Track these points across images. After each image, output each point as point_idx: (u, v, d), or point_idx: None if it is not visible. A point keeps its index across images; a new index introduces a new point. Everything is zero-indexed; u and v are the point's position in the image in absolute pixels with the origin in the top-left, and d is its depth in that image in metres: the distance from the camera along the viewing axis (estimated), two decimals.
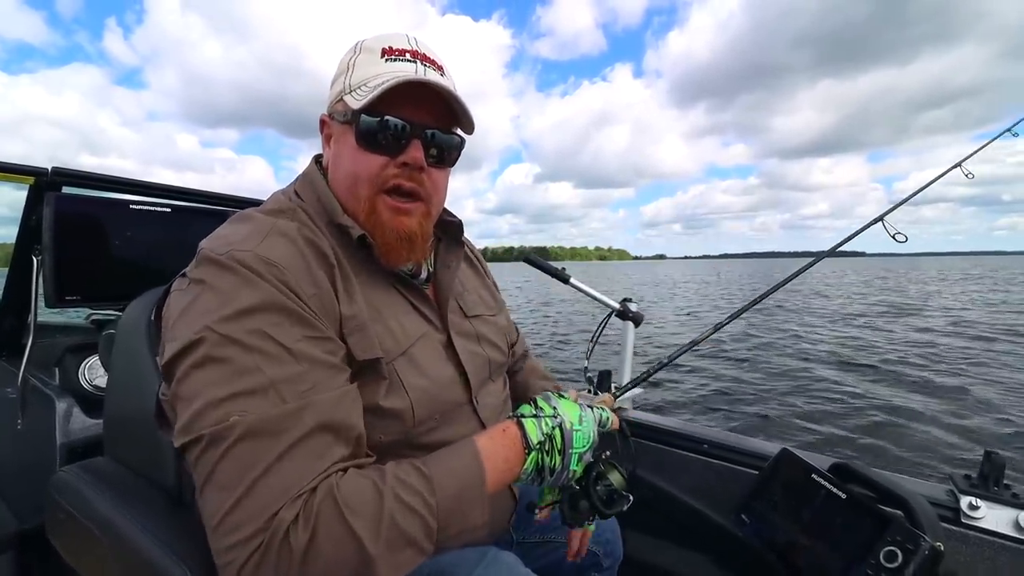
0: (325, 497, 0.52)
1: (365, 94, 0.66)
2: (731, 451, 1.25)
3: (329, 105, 0.74)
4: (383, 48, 0.69)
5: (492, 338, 0.88)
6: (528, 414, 0.69)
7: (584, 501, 0.74)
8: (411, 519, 0.54)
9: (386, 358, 0.67)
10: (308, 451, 0.53)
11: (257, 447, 0.51)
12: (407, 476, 0.57)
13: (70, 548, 0.85)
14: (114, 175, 1.53)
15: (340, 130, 0.71)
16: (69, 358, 1.57)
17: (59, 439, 1.35)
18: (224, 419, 0.52)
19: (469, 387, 0.79)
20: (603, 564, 1.04)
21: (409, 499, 0.55)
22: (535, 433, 0.67)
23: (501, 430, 0.67)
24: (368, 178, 0.69)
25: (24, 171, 1.35)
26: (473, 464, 0.62)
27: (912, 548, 0.82)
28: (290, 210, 0.70)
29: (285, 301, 0.58)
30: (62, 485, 0.85)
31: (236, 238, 0.62)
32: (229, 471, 0.51)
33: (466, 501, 0.59)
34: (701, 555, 1.28)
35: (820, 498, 0.99)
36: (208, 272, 0.59)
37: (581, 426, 0.71)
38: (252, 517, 0.49)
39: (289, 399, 0.54)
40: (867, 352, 8.28)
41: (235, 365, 0.54)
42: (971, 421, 4.88)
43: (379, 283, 0.73)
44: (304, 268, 0.62)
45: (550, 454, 0.68)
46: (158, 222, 1.56)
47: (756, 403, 5.50)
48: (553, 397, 0.73)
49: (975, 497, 0.96)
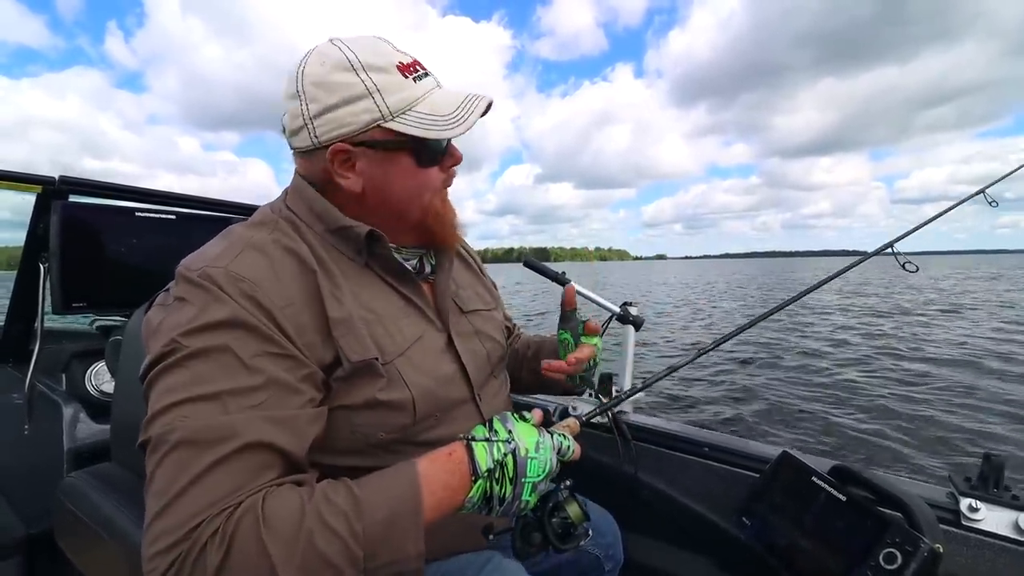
0: (247, 513, 0.50)
1: (428, 121, 0.68)
2: (732, 454, 1.25)
3: (352, 133, 0.68)
4: (396, 65, 0.69)
5: (491, 333, 0.90)
6: (480, 437, 0.64)
7: (537, 533, 0.67)
8: (331, 542, 0.51)
9: (384, 358, 0.68)
10: (242, 466, 0.53)
11: (191, 455, 0.51)
12: (335, 496, 0.54)
13: (78, 552, 0.86)
14: (120, 183, 1.55)
15: (385, 156, 0.70)
16: (76, 364, 1.58)
17: (66, 444, 1.36)
18: (168, 424, 0.53)
19: (471, 385, 0.80)
20: (604, 567, 1.04)
21: (332, 520, 0.51)
22: (484, 459, 0.61)
23: (447, 453, 0.62)
24: (434, 190, 0.76)
25: (32, 180, 1.37)
26: (409, 489, 0.57)
27: (911, 550, 0.82)
28: (271, 222, 0.71)
29: (248, 317, 0.59)
30: (70, 490, 0.86)
31: (211, 255, 0.64)
32: (162, 477, 0.51)
33: (397, 529, 0.54)
34: (702, 558, 1.28)
35: (820, 500, 1.00)
36: (182, 289, 0.61)
37: (537, 453, 0.64)
38: (174, 527, 0.49)
39: (232, 411, 0.54)
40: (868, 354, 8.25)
41: (191, 375, 0.55)
42: (970, 423, 4.86)
43: (376, 286, 0.75)
44: (275, 281, 0.63)
45: (500, 482, 0.61)
46: (163, 229, 1.58)
47: (757, 406, 5.49)
48: (510, 419, 0.67)
49: (975, 499, 0.96)
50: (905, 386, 6.30)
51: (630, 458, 1.33)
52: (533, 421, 0.69)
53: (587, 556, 1.02)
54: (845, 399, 5.73)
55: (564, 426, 0.76)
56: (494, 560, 0.77)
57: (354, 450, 0.69)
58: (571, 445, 0.70)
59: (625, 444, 1.34)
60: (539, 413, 0.71)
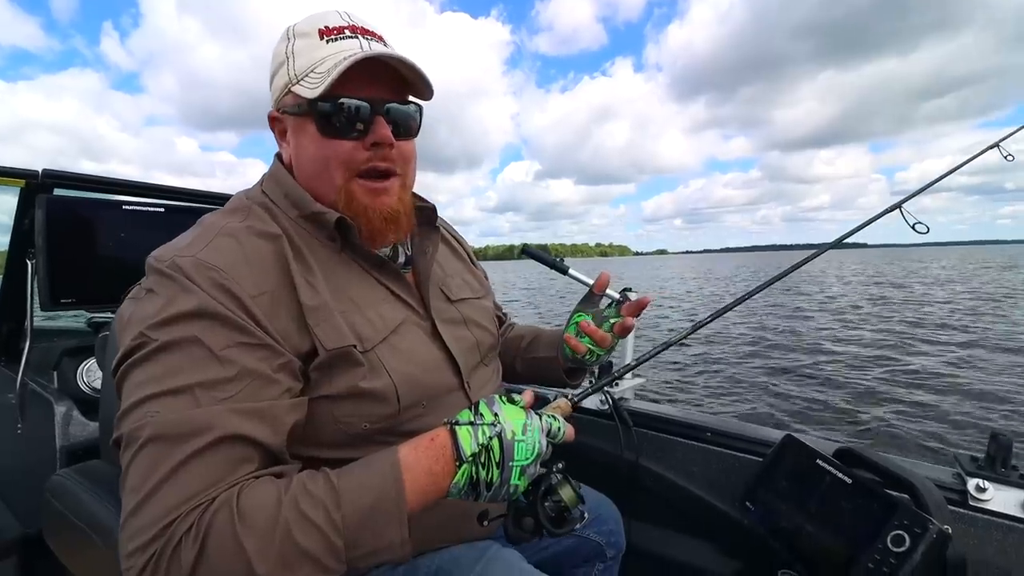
0: (221, 507, 0.49)
1: (317, 81, 0.64)
2: (734, 438, 1.24)
3: (275, 100, 0.71)
4: (319, 29, 0.67)
5: (480, 320, 0.87)
6: (464, 421, 0.61)
7: (529, 518, 0.65)
8: (310, 534, 0.50)
9: (363, 346, 0.66)
10: (217, 460, 0.51)
11: (162, 450, 0.50)
12: (313, 486, 0.52)
13: (66, 551, 0.85)
14: (105, 176, 1.52)
15: (296, 123, 0.69)
16: (67, 361, 1.56)
17: (59, 442, 1.34)
18: (139, 419, 0.51)
19: (459, 372, 0.78)
20: (607, 554, 1.04)
21: (310, 511, 0.50)
22: (469, 443, 0.58)
23: (429, 438, 0.60)
24: (339, 165, 0.68)
25: (14, 174, 1.34)
26: (390, 476, 0.55)
27: (920, 532, 0.81)
28: (244, 208, 0.69)
29: (218, 307, 0.57)
30: (57, 488, 0.85)
31: (182, 244, 0.62)
32: (135, 473, 0.50)
33: (379, 518, 0.53)
34: (706, 543, 1.27)
35: (825, 483, 0.98)
36: (152, 280, 0.60)
37: (525, 436, 0.61)
38: (149, 524, 0.48)
39: (204, 404, 0.53)
40: (871, 336, 8.26)
41: (161, 368, 0.54)
42: (977, 402, 4.87)
43: (354, 273, 0.72)
44: (247, 269, 0.61)
45: (486, 467, 0.59)
46: (151, 222, 1.55)
47: (759, 389, 5.50)
48: (497, 401, 0.64)
49: (982, 479, 0.95)
50: (909, 367, 6.31)
51: (631, 445, 1.32)
52: (523, 403, 0.66)
53: (589, 543, 1.02)
54: (847, 381, 5.74)
55: (555, 407, 0.73)
56: (492, 549, 0.76)
57: (338, 442, 0.67)
58: (561, 426, 0.67)
59: (626, 431, 1.33)
60: (530, 395, 0.68)
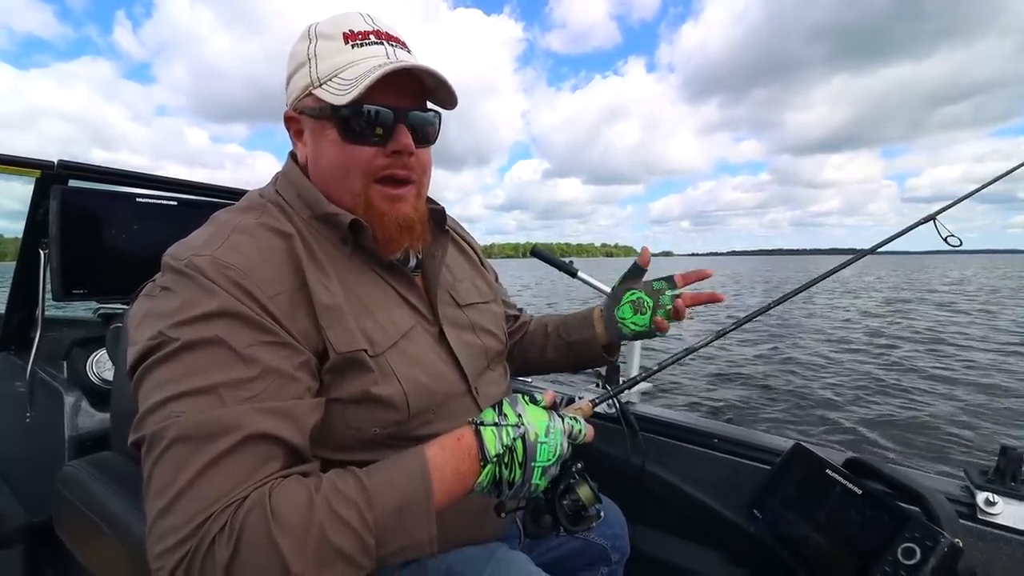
0: (254, 507, 0.49)
1: (345, 87, 0.64)
2: (742, 446, 1.23)
3: (293, 100, 0.70)
4: (344, 33, 0.67)
5: (488, 326, 0.87)
6: (489, 421, 0.62)
7: (548, 516, 0.67)
8: (343, 533, 0.51)
9: (374, 350, 0.66)
10: (243, 459, 0.52)
11: (190, 450, 0.50)
12: (344, 486, 0.53)
13: (77, 541, 0.85)
14: (120, 168, 1.52)
15: (316, 125, 0.69)
16: (77, 352, 1.57)
17: (67, 432, 1.35)
18: (163, 420, 0.51)
19: (466, 378, 0.78)
20: (611, 558, 1.03)
21: (343, 511, 0.51)
22: (493, 444, 0.60)
23: (456, 438, 0.61)
24: (359, 171, 0.68)
25: (30, 164, 1.35)
26: (419, 476, 0.56)
27: (931, 545, 0.80)
28: (258, 206, 0.69)
29: (240, 307, 0.57)
30: (69, 479, 0.85)
31: (198, 242, 0.62)
32: (162, 474, 0.50)
33: (408, 517, 0.54)
34: (711, 551, 1.27)
35: (835, 494, 0.98)
36: (169, 279, 0.59)
37: (547, 438, 0.63)
38: (180, 525, 0.48)
39: (230, 404, 0.53)
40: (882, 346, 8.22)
41: (183, 368, 0.53)
42: (986, 414, 4.84)
43: (365, 276, 0.72)
44: (265, 268, 0.61)
45: (509, 467, 0.61)
46: (164, 215, 1.56)
47: (767, 397, 5.47)
48: (520, 402, 0.66)
49: (992, 492, 0.94)
50: (920, 378, 6.27)
51: (638, 449, 1.32)
52: (544, 403, 0.67)
53: (594, 546, 1.02)
54: (856, 391, 5.71)
55: (576, 408, 0.75)
56: (499, 552, 0.76)
57: (349, 445, 0.66)
58: (583, 428, 0.69)
59: (633, 435, 1.33)
60: (550, 395, 0.69)
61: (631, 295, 0.92)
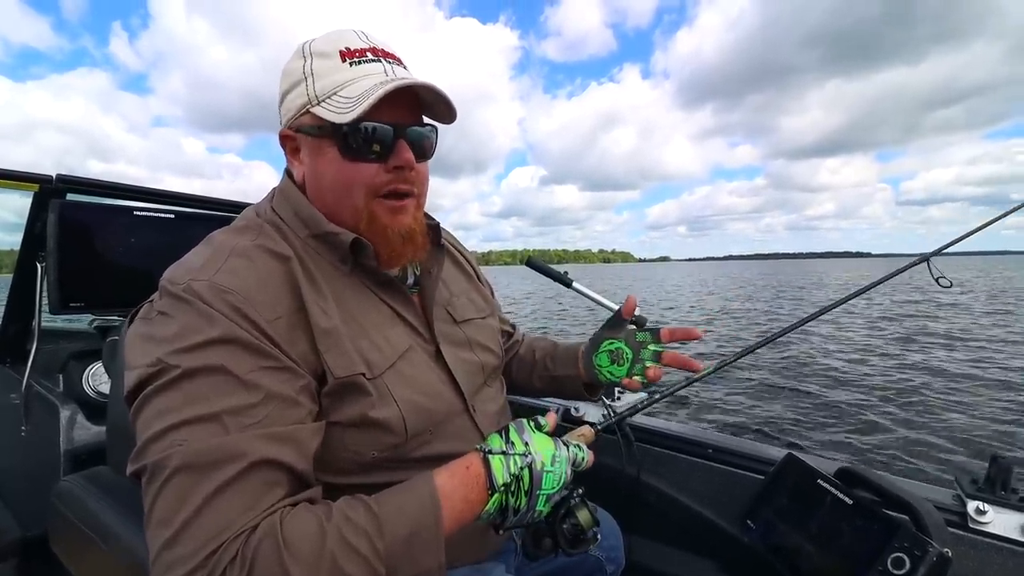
0: (265, 536, 0.49)
1: (345, 105, 0.64)
2: (736, 456, 1.24)
3: (289, 119, 0.69)
4: (340, 51, 0.67)
5: (485, 342, 0.87)
6: (496, 449, 0.63)
7: (548, 539, 0.68)
8: (355, 562, 0.51)
9: (372, 372, 0.66)
10: (250, 486, 0.51)
11: (194, 479, 0.49)
12: (355, 515, 0.53)
13: (72, 556, 0.85)
14: (118, 182, 1.53)
15: (314, 144, 0.68)
16: (73, 364, 1.57)
17: (63, 446, 1.35)
18: (164, 450, 0.50)
19: (463, 395, 0.77)
20: (606, 569, 1.03)
21: (354, 540, 0.51)
22: (501, 473, 0.61)
23: (464, 467, 0.61)
24: (362, 188, 0.68)
25: (28, 178, 1.36)
26: (428, 504, 0.56)
27: (920, 554, 0.81)
28: (255, 227, 0.69)
29: (240, 332, 0.56)
30: (64, 494, 0.85)
31: (195, 266, 0.61)
32: (165, 505, 0.49)
33: (418, 545, 0.54)
34: (705, 561, 1.27)
35: (826, 503, 0.99)
36: (166, 304, 0.59)
37: (553, 467, 0.64)
38: (189, 555, 0.47)
39: (233, 431, 0.52)
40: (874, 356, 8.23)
41: (184, 396, 0.53)
42: (977, 424, 4.84)
43: (362, 295, 0.71)
44: (263, 292, 0.61)
45: (516, 495, 0.62)
46: (162, 228, 1.57)
47: (760, 407, 5.47)
48: (527, 429, 0.66)
49: (982, 502, 0.95)
50: (910, 387, 6.28)
51: (633, 460, 1.32)
52: (547, 428, 0.68)
53: (588, 559, 1.01)
54: (850, 401, 5.71)
55: (579, 435, 0.76)
56: (494, 573, 0.76)
57: (348, 469, 0.66)
58: (585, 456, 0.70)
59: (628, 446, 1.33)
60: (553, 418, 0.70)
61: (610, 344, 0.92)
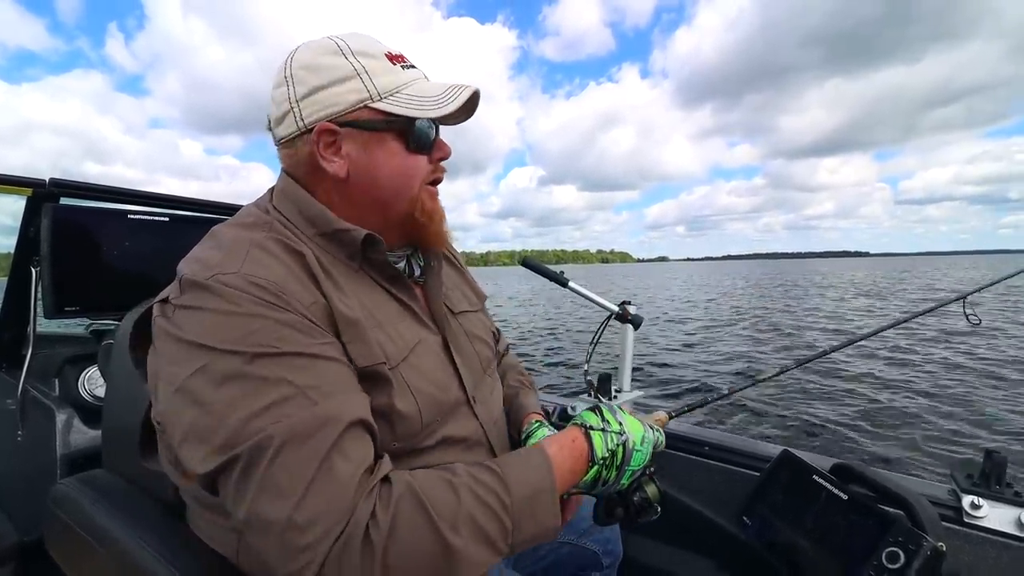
0: (405, 491, 0.53)
1: (426, 103, 0.69)
2: (731, 453, 1.24)
3: (337, 113, 0.67)
4: (385, 55, 0.70)
5: (479, 334, 0.88)
6: (596, 426, 0.71)
7: (620, 508, 0.77)
8: (488, 516, 0.55)
9: (390, 364, 0.67)
10: (352, 446, 0.54)
11: (304, 449, 0.51)
12: (480, 475, 0.58)
13: (69, 561, 0.85)
14: (112, 185, 1.53)
15: (371, 137, 0.69)
16: (69, 369, 1.57)
17: (59, 450, 1.34)
18: (259, 431, 0.51)
19: (464, 386, 0.79)
20: (603, 563, 1.04)
21: (485, 496, 0.56)
22: (601, 448, 0.69)
23: (570, 440, 0.69)
24: (422, 176, 0.74)
25: (22, 183, 1.35)
26: (545, 468, 0.63)
27: (914, 548, 0.81)
28: (264, 223, 0.69)
29: (286, 316, 0.57)
30: (61, 498, 0.85)
31: (215, 260, 0.60)
32: (282, 476, 0.50)
33: (539, 504, 0.60)
34: (701, 557, 1.27)
35: (821, 499, 0.99)
36: (197, 297, 0.57)
37: (642, 447, 0.73)
38: (324, 513, 0.49)
39: (320, 401, 0.54)
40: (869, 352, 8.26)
41: (256, 383, 0.53)
42: (972, 420, 4.86)
43: (372, 290, 0.73)
44: (294, 281, 0.61)
45: (608, 469, 0.70)
46: (157, 231, 1.56)
47: (756, 404, 5.49)
48: (619, 411, 0.75)
49: (977, 496, 0.96)
50: (905, 383, 6.31)
51: None
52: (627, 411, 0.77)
53: (585, 552, 1.02)
54: (844, 396, 5.73)
55: (656, 419, 0.87)
56: (493, 570, 0.77)
57: None
58: (663, 439, 0.80)
59: None
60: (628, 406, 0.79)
61: None
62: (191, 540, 0.71)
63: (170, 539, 0.71)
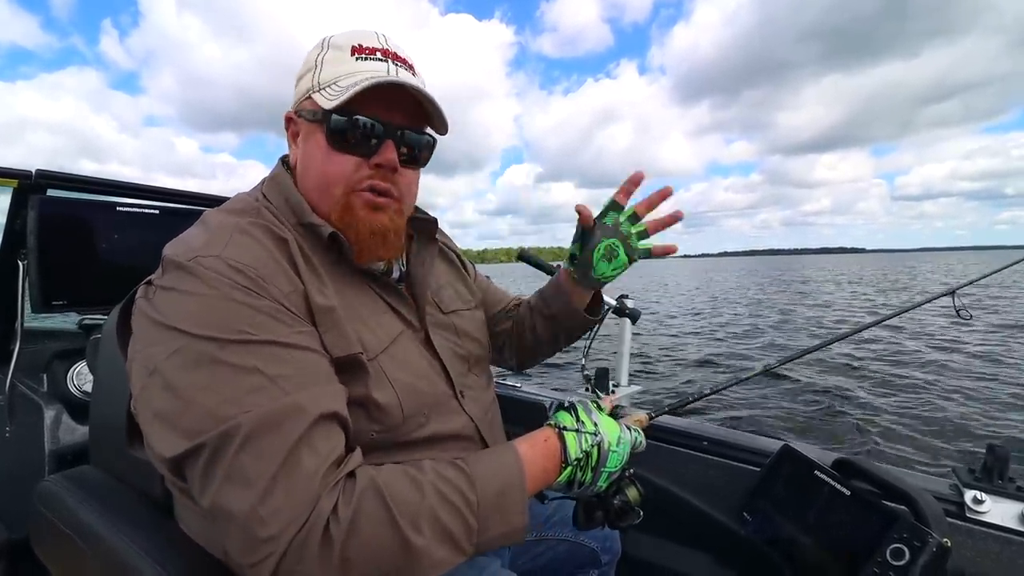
0: (368, 486, 0.52)
1: (337, 93, 0.65)
2: (732, 448, 1.23)
3: (296, 102, 0.72)
4: (353, 46, 0.68)
5: (471, 332, 0.87)
6: (570, 427, 0.69)
7: (600, 512, 0.75)
8: (452, 514, 0.54)
9: (368, 354, 0.66)
10: (321, 438, 0.53)
11: (271, 440, 0.50)
12: (446, 472, 0.57)
13: (53, 558, 0.83)
14: (99, 177, 1.50)
15: (308, 128, 0.70)
16: (57, 364, 1.54)
17: (48, 446, 1.32)
18: (227, 419, 0.50)
19: (451, 381, 0.78)
20: (601, 560, 1.03)
21: (449, 494, 0.55)
22: (575, 449, 0.67)
23: (543, 439, 0.68)
24: (341, 179, 0.68)
25: (7, 174, 1.32)
26: (514, 467, 0.61)
27: (919, 545, 0.80)
28: (252, 209, 0.68)
29: (262, 303, 0.57)
30: (46, 494, 0.83)
31: (199, 243, 0.60)
32: (248, 466, 0.49)
33: (507, 503, 0.58)
34: (701, 553, 1.26)
35: (823, 495, 0.98)
36: (177, 279, 0.57)
37: (618, 448, 0.71)
38: (287, 506, 0.48)
39: (291, 391, 0.53)
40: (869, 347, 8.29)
41: (229, 370, 0.52)
42: (973, 414, 4.88)
43: (354, 283, 0.72)
44: (275, 266, 0.61)
45: (583, 470, 0.68)
46: (146, 224, 1.54)
47: (756, 399, 5.50)
48: (594, 411, 0.73)
49: (979, 491, 0.95)
50: (906, 377, 6.33)
51: None
52: (607, 410, 0.75)
53: (584, 549, 1.01)
54: (844, 391, 5.75)
55: (635, 420, 0.83)
56: (490, 569, 0.76)
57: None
58: (642, 440, 0.77)
59: None
60: (609, 403, 0.78)
61: (598, 251, 0.86)
62: (177, 537, 0.70)
63: (156, 536, 0.70)
